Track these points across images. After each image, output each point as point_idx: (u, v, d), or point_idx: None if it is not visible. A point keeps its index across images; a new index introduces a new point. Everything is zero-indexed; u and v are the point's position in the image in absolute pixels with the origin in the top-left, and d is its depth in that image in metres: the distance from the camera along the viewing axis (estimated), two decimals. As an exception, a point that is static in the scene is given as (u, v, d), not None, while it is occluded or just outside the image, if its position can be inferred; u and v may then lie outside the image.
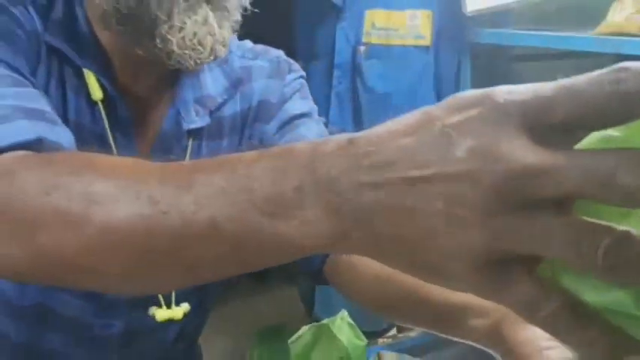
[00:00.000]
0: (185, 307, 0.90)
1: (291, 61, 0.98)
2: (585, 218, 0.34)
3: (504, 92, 0.36)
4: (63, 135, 0.69)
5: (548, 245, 0.34)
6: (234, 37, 0.88)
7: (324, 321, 1.25)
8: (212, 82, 0.91)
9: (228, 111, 0.92)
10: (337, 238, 0.39)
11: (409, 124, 0.38)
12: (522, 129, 0.35)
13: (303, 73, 0.98)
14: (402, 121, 0.39)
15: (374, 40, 2.03)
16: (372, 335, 1.67)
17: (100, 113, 0.82)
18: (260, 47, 0.98)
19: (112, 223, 0.46)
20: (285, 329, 1.19)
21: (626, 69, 0.33)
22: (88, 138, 0.82)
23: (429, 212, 0.36)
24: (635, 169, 0.32)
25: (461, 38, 2.07)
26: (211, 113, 0.90)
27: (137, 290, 0.62)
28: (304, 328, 1.27)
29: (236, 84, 0.93)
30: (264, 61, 0.95)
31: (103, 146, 0.82)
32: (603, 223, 0.33)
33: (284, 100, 0.94)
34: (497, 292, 0.36)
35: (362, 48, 2.05)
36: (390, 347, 1.63)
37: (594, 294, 0.35)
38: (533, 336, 0.64)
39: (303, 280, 1.78)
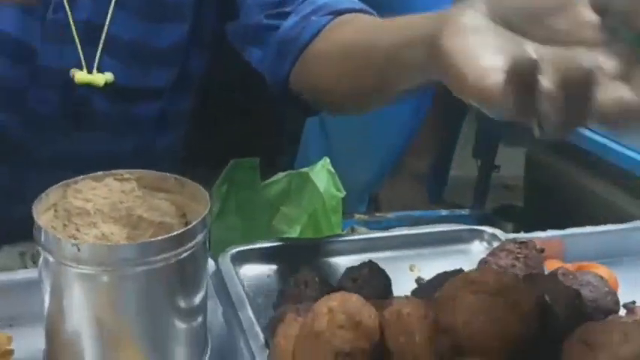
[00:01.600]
0: (108, 76, 0.89)
1: None
2: None
3: None
4: None
5: None
6: None
7: (304, 169, 1.16)
8: None
9: None
10: None
11: None
12: None
13: None
14: None
15: None
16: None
17: None
18: None
19: None
20: (258, 166, 1.09)
21: None
22: None
23: None
24: None
25: None
26: None
27: None
28: (280, 175, 1.17)
29: None
30: None
31: None
32: None
33: None
34: None
35: None
36: (364, 224, 1.57)
37: None
38: (472, 44, 0.54)
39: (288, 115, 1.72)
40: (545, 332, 0.50)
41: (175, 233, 0.62)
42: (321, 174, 1.11)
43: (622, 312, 0.63)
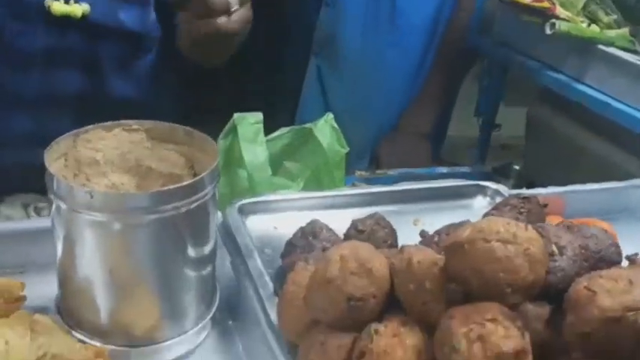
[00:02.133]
0: (85, 7, 0.91)
1: None
2: None
3: None
4: None
5: None
6: None
7: (307, 125, 1.16)
8: None
9: None
10: None
11: None
12: None
13: None
14: None
15: None
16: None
17: None
18: None
19: None
20: (262, 120, 1.09)
21: None
22: None
23: None
24: None
25: None
26: None
27: None
28: (283, 130, 1.17)
29: None
30: None
31: None
32: None
33: None
34: None
35: None
36: (365, 181, 1.57)
37: None
38: None
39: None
40: (552, 280, 0.51)
41: (186, 183, 0.63)
42: (325, 130, 1.11)
43: (624, 263, 0.65)
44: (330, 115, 1.11)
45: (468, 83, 1.92)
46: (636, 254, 0.60)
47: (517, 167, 1.70)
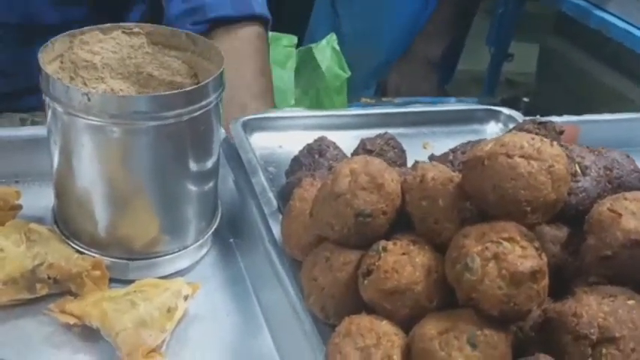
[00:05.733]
0: None
1: None
2: None
3: None
4: None
5: None
6: None
7: (309, 45, 1.11)
8: None
9: None
10: None
11: None
12: None
13: None
14: None
15: None
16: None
17: None
18: None
19: None
20: (295, 43, 1.05)
21: None
22: None
23: None
24: None
25: None
26: None
27: None
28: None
29: None
30: None
31: None
32: None
33: None
34: None
35: None
36: (371, 108, 1.53)
37: None
38: None
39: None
40: (573, 201, 0.49)
41: (189, 89, 0.59)
42: (325, 51, 1.06)
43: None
44: (333, 36, 1.07)
45: (480, 17, 1.86)
46: (658, 181, 0.58)
47: (526, 100, 1.66)
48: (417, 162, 0.52)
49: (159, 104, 0.57)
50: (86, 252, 0.62)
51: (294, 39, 1.06)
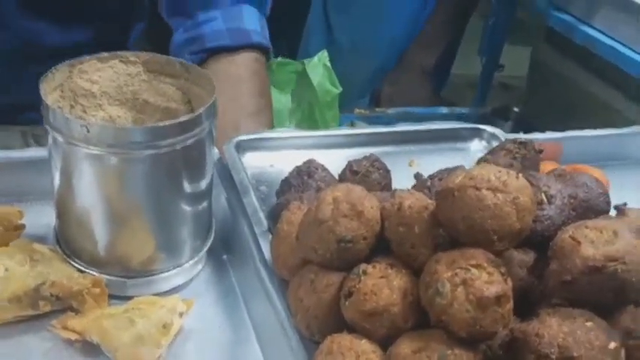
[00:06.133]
0: None
1: None
2: None
3: None
4: None
5: None
6: None
7: (301, 60, 1.15)
8: None
9: None
10: None
11: None
12: None
13: None
14: None
15: None
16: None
17: None
18: None
19: None
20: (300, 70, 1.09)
21: None
22: None
23: None
24: None
25: None
26: None
27: None
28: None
29: None
30: None
31: None
32: None
33: None
34: None
35: None
36: (365, 119, 1.57)
37: None
38: None
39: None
40: (539, 228, 0.52)
41: (182, 119, 0.63)
42: (317, 68, 1.10)
43: (613, 212, 0.66)
44: (324, 53, 1.10)
45: (473, 22, 1.89)
46: (624, 204, 0.61)
47: (517, 109, 1.69)
48: (395, 190, 0.55)
49: (154, 134, 0.61)
50: (86, 270, 0.66)
51: (301, 65, 1.10)
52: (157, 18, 1.06)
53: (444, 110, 1.71)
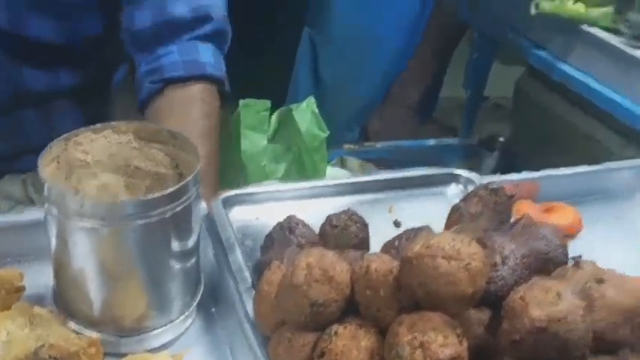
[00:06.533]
0: None
1: None
2: None
3: None
4: None
5: None
6: None
7: (289, 106, 1.20)
8: None
9: None
10: None
11: None
12: None
13: None
14: None
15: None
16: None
17: None
18: None
19: None
20: (269, 108, 1.14)
21: None
22: None
23: None
24: None
25: None
26: None
27: None
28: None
29: None
30: None
31: None
32: None
33: None
34: None
35: None
36: (354, 154, 1.62)
37: None
38: None
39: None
40: (492, 288, 0.57)
41: (170, 190, 0.68)
42: (305, 114, 1.15)
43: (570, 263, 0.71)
44: (311, 100, 1.16)
45: (461, 46, 1.94)
46: (579, 256, 0.66)
47: (502, 139, 1.75)
48: (364, 254, 0.60)
49: (145, 206, 0.66)
50: (83, 331, 0.70)
51: (268, 103, 1.15)
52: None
53: (432, 142, 1.76)
